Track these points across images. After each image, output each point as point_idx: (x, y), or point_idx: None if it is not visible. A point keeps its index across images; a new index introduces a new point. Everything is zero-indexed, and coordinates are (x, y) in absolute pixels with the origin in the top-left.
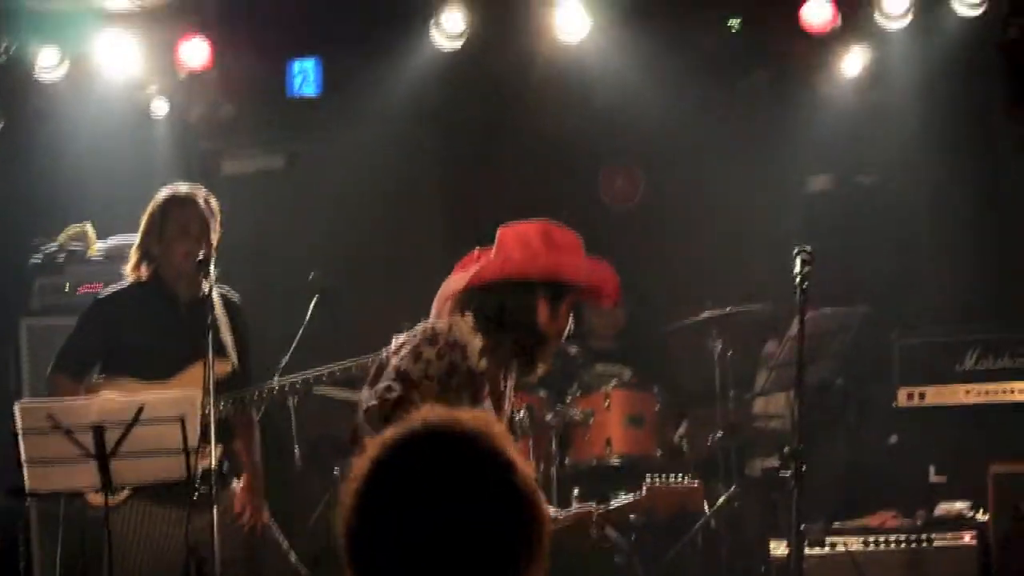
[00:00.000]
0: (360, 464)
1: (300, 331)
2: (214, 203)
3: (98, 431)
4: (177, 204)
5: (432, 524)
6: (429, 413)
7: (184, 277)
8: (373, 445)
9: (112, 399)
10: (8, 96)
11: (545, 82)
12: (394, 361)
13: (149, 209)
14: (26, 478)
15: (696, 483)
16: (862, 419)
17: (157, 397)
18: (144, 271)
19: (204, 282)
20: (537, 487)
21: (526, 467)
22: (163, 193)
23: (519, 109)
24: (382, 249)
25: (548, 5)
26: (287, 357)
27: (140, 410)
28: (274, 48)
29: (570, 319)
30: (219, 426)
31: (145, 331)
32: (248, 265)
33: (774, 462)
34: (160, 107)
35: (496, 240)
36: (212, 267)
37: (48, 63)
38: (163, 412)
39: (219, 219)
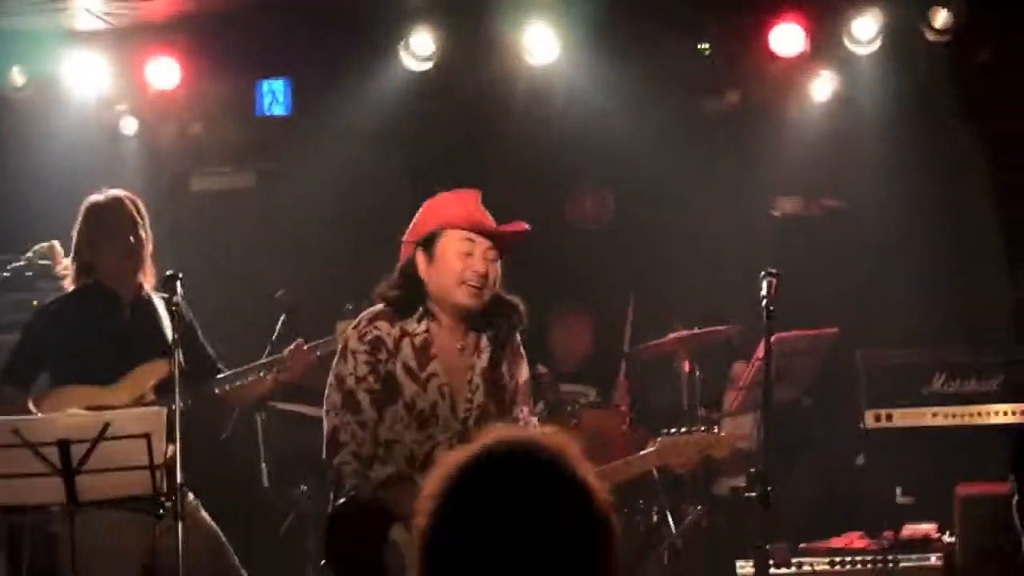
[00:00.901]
0: (433, 484)
1: (268, 349)
2: (140, 204)
3: (64, 446)
4: (101, 208)
5: (508, 549)
6: (505, 432)
7: (122, 278)
8: (448, 464)
9: (78, 414)
10: None
11: (514, 104)
12: (333, 367)
13: (78, 219)
14: None
15: (717, 430)
16: (829, 440)
17: (123, 414)
18: (83, 281)
19: (173, 296)
20: (613, 511)
21: (602, 490)
22: (87, 200)
23: (488, 130)
24: (351, 268)
25: (517, 27)
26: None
27: (106, 426)
28: (243, 68)
29: (462, 260)
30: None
31: (89, 336)
32: (216, 282)
33: (741, 482)
34: (129, 125)
35: None
36: (179, 284)
37: (17, 82)
38: (129, 428)
39: (147, 221)
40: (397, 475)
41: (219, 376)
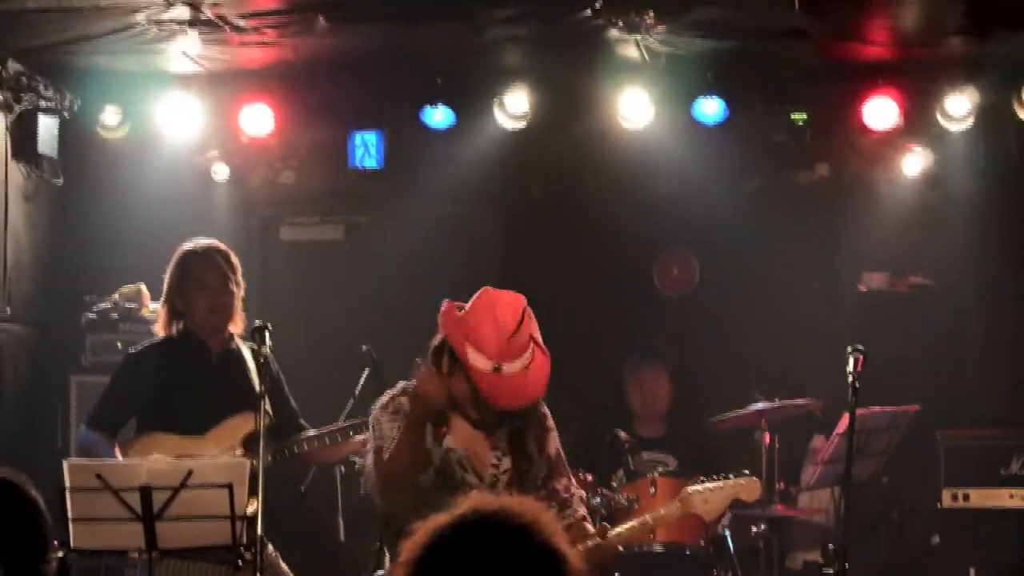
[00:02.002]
0: (410, 550)
1: (350, 403)
2: (233, 256)
3: (146, 493)
4: (195, 258)
5: None
6: (479, 501)
7: (211, 330)
8: (424, 531)
9: (161, 460)
10: (69, 153)
11: (606, 166)
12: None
13: (170, 266)
14: (71, 535)
15: (744, 479)
16: (905, 518)
17: (206, 463)
18: (174, 328)
19: (261, 348)
20: None
21: (575, 558)
22: (181, 249)
23: (579, 192)
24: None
25: (612, 90)
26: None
27: (189, 474)
28: (337, 119)
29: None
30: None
31: (177, 385)
32: (302, 332)
33: (816, 556)
34: (220, 171)
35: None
36: (268, 336)
37: (111, 122)
38: (212, 478)
39: (239, 271)
40: None
41: (305, 435)
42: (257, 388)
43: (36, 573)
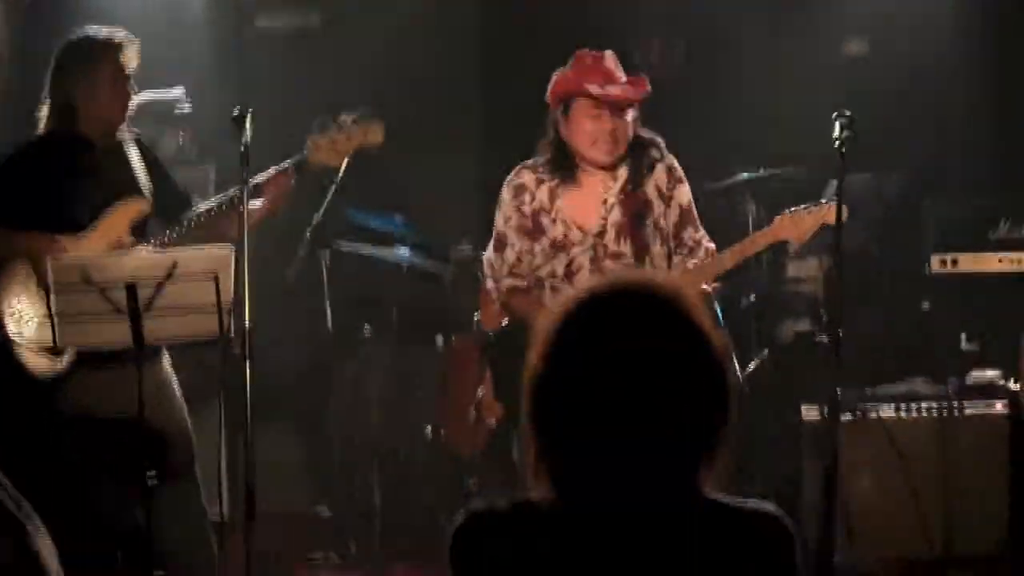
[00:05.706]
0: (546, 322)
1: (330, 193)
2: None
3: (131, 288)
4: (106, 50)
5: (621, 383)
6: (623, 271)
7: (105, 125)
8: (566, 299)
9: (145, 255)
10: None
11: None
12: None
13: (65, 54)
14: (56, 332)
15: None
16: (895, 285)
17: (191, 253)
18: (60, 121)
19: (244, 135)
20: (729, 354)
21: (717, 334)
22: (85, 36)
23: None
24: (416, 114)
25: None
26: (319, 215)
27: (173, 266)
28: None
29: (592, 122)
30: None
31: (62, 183)
32: (279, 124)
33: (805, 326)
34: None
35: None
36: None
37: None
38: (196, 268)
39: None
40: (524, 288)
41: (197, 209)
42: (141, 179)
43: None
